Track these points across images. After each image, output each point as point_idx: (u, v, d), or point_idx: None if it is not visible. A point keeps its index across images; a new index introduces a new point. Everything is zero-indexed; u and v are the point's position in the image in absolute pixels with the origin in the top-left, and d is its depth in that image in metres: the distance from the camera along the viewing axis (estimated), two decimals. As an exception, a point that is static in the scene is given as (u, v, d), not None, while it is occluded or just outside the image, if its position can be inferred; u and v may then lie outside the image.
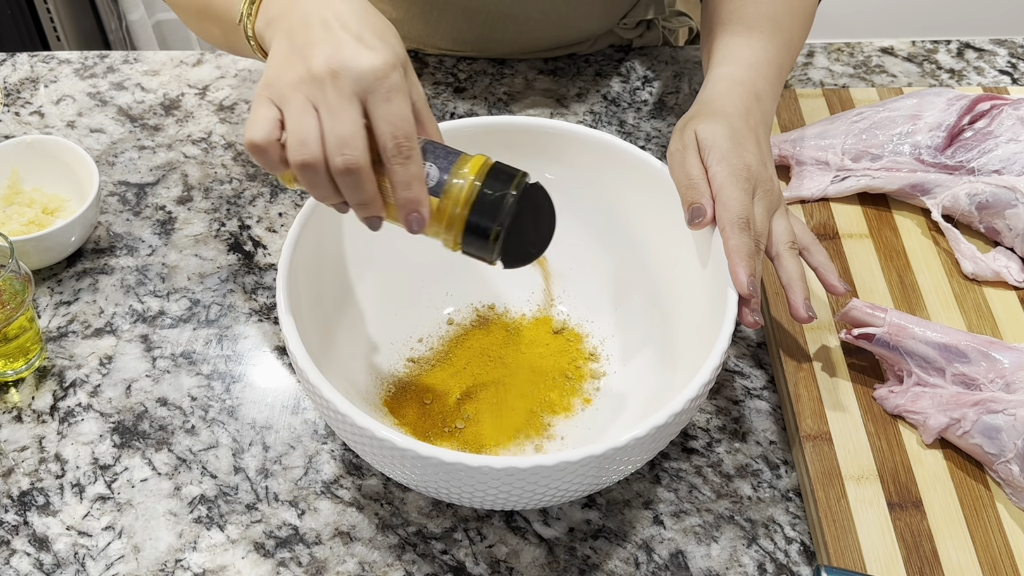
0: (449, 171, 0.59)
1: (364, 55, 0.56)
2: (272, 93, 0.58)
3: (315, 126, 0.56)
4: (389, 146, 0.57)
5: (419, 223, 0.58)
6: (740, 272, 0.63)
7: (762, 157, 0.69)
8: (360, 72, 0.56)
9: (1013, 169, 0.80)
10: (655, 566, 0.66)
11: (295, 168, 0.57)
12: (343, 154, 0.56)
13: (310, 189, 0.59)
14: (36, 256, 0.79)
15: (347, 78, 0.56)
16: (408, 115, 0.57)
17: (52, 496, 0.69)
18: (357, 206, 0.59)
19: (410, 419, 0.71)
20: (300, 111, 0.57)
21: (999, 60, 1.02)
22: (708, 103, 0.72)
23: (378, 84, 0.56)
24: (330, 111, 0.56)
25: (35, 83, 0.98)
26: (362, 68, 0.56)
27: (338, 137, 0.56)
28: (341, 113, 0.56)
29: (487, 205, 0.58)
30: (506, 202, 0.58)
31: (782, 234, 0.68)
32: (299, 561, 0.66)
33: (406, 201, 0.58)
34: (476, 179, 0.58)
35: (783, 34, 0.78)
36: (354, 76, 0.56)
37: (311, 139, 0.56)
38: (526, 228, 0.61)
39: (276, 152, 0.58)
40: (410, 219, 0.58)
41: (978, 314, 0.76)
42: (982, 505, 0.66)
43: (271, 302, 0.81)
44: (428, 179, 0.58)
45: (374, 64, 0.56)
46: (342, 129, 0.56)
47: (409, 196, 0.58)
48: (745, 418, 0.74)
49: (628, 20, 1.00)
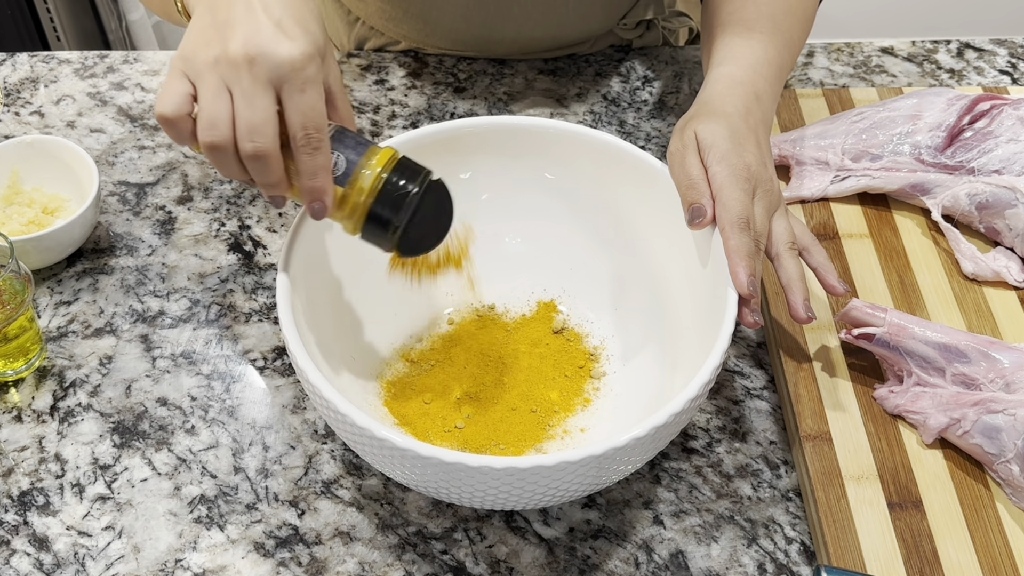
0: (356, 162, 0.61)
1: (283, 44, 0.57)
2: (187, 68, 0.59)
3: (227, 109, 0.58)
4: (299, 136, 0.58)
5: (321, 211, 0.61)
6: (740, 272, 0.63)
7: (762, 157, 0.69)
8: (277, 61, 0.57)
9: (1013, 169, 0.80)
10: (655, 566, 0.66)
11: (203, 148, 0.59)
12: (253, 141, 0.57)
13: (217, 167, 0.60)
14: (36, 256, 0.79)
15: (263, 65, 0.57)
16: (320, 107, 0.58)
17: (52, 496, 0.69)
18: (263, 186, 0.61)
19: (410, 419, 0.71)
20: (213, 92, 0.58)
21: (999, 60, 1.02)
22: (708, 103, 0.72)
23: (293, 75, 0.57)
24: (243, 96, 0.57)
25: (35, 83, 0.98)
26: (279, 57, 0.57)
27: (249, 123, 0.57)
28: (254, 100, 0.57)
29: (390, 199, 0.60)
30: (409, 197, 0.60)
31: (782, 234, 0.68)
32: (299, 561, 0.66)
33: (311, 189, 0.60)
34: (382, 172, 0.61)
35: (783, 34, 0.78)
36: (270, 64, 0.57)
37: (222, 121, 0.58)
38: (425, 222, 0.63)
39: (187, 126, 0.59)
40: (313, 206, 0.60)
41: (978, 314, 0.76)
42: (982, 505, 0.66)
43: (271, 302, 0.81)
44: (335, 168, 0.60)
45: (291, 54, 0.57)
46: (253, 116, 0.57)
47: (314, 185, 0.60)
48: (745, 418, 0.74)
49: (628, 20, 1.00)
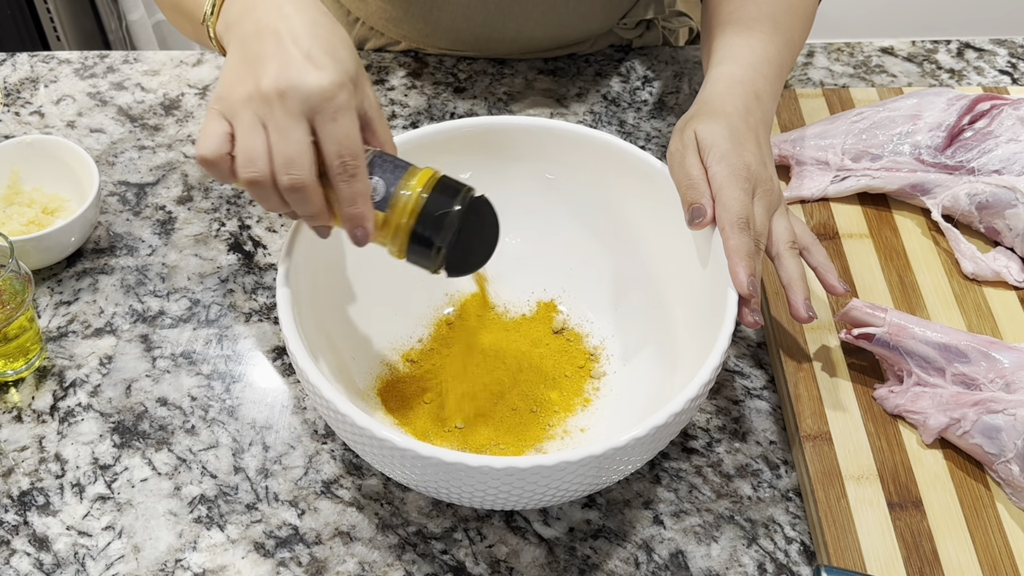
0: (396, 184, 0.60)
1: (311, 75, 0.57)
2: (223, 107, 0.60)
3: (263, 144, 0.58)
4: (335, 164, 0.58)
5: (363, 237, 0.60)
6: (740, 272, 0.63)
7: (762, 156, 0.69)
8: (307, 92, 0.57)
9: (1013, 169, 0.80)
10: (655, 566, 0.66)
11: (244, 184, 0.59)
12: (289, 173, 0.58)
13: (260, 202, 0.60)
14: (36, 256, 0.79)
15: (294, 98, 0.57)
16: (354, 134, 0.58)
17: (52, 496, 0.69)
18: (305, 217, 0.61)
19: (410, 419, 0.71)
20: (249, 129, 0.58)
21: (999, 60, 1.02)
22: (708, 103, 0.72)
23: (324, 104, 0.57)
24: (278, 130, 0.58)
25: (35, 83, 0.98)
26: (309, 88, 0.57)
27: (285, 156, 0.58)
28: (288, 133, 0.57)
29: (431, 219, 0.60)
30: (450, 215, 0.60)
31: (782, 234, 0.68)
32: (299, 561, 0.66)
33: (351, 216, 0.60)
34: (423, 192, 0.60)
35: (783, 33, 0.78)
36: (301, 96, 0.57)
37: (259, 157, 0.58)
38: (470, 240, 0.62)
39: (226, 165, 0.60)
40: (355, 233, 0.60)
41: (978, 314, 0.76)
42: (982, 505, 0.66)
43: (271, 302, 0.81)
44: (375, 193, 0.60)
45: (321, 84, 0.57)
46: (288, 149, 0.58)
47: (354, 212, 0.60)
48: (745, 418, 0.74)
49: (628, 20, 1.00)
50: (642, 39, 1.04)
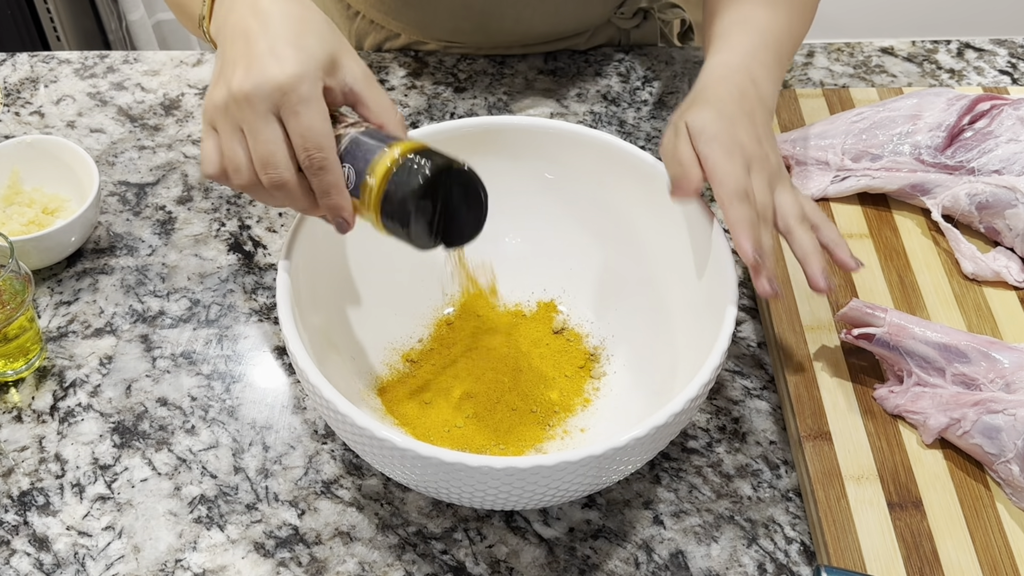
0: (365, 170, 0.59)
1: (271, 70, 0.57)
2: (209, 117, 0.60)
3: (244, 150, 0.59)
4: (302, 159, 0.58)
5: (343, 226, 0.61)
6: (743, 241, 0.62)
7: (756, 135, 0.67)
8: (268, 89, 0.57)
9: (1013, 169, 0.80)
10: (655, 566, 0.66)
11: (241, 191, 0.60)
12: (267, 173, 0.58)
13: (262, 203, 0.61)
14: (36, 256, 0.79)
15: (258, 97, 0.57)
16: (318, 125, 0.58)
17: (52, 496, 0.69)
18: (302, 211, 0.61)
19: (410, 419, 0.71)
20: (229, 137, 0.59)
21: (999, 60, 1.02)
22: (701, 92, 0.71)
23: (285, 99, 0.57)
24: (251, 132, 0.58)
25: (35, 83, 0.98)
26: (270, 85, 0.57)
27: (260, 157, 0.58)
28: (258, 134, 0.58)
29: (395, 203, 0.59)
30: (411, 197, 0.58)
31: (790, 207, 0.66)
32: (299, 561, 0.66)
33: (328, 207, 0.60)
34: (384, 177, 0.59)
35: (782, 19, 0.76)
36: (263, 94, 0.57)
37: (242, 164, 0.59)
38: (456, 210, 0.61)
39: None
40: (337, 222, 0.61)
41: (978, 314, 0.76)
42: (982, 505, 0.66)
43: (271, 302, 0.81)
44: (348, 181, 0.60)
45: (278, 80, 0.57)
46: (262, 149, 0.58)
47: (329, 203, 0.60)
48: (745, 418, 0.74)
49: (625, 9, 1.00)
50: (639, 29, 1.03)
